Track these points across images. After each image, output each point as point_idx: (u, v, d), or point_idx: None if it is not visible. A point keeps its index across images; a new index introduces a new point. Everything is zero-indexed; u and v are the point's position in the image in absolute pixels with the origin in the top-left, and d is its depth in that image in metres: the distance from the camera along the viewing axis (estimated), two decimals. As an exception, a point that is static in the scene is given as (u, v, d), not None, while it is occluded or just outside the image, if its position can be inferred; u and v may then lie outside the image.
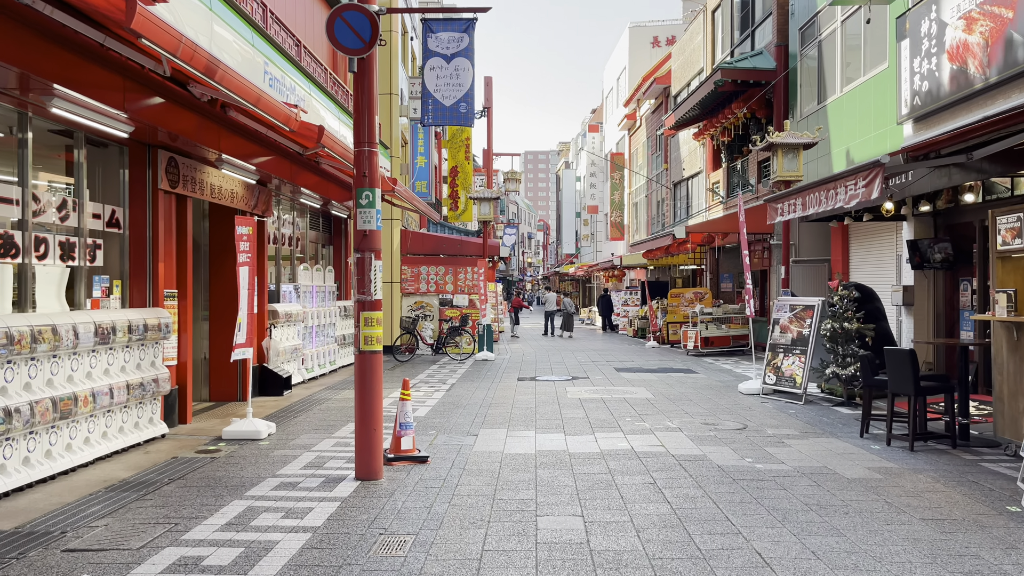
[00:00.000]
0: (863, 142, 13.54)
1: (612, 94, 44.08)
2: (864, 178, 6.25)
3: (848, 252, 16.52)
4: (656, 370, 15.44)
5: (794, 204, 8.10)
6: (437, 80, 16.52)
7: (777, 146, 11.85)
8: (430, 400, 11.18)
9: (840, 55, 14.82)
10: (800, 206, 7.91)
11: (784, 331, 11.54)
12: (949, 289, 11.49)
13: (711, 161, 23.78)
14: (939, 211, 11.11)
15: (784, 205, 8.43)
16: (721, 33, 23.15)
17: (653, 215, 32.92)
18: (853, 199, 6.45)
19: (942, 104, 10.27)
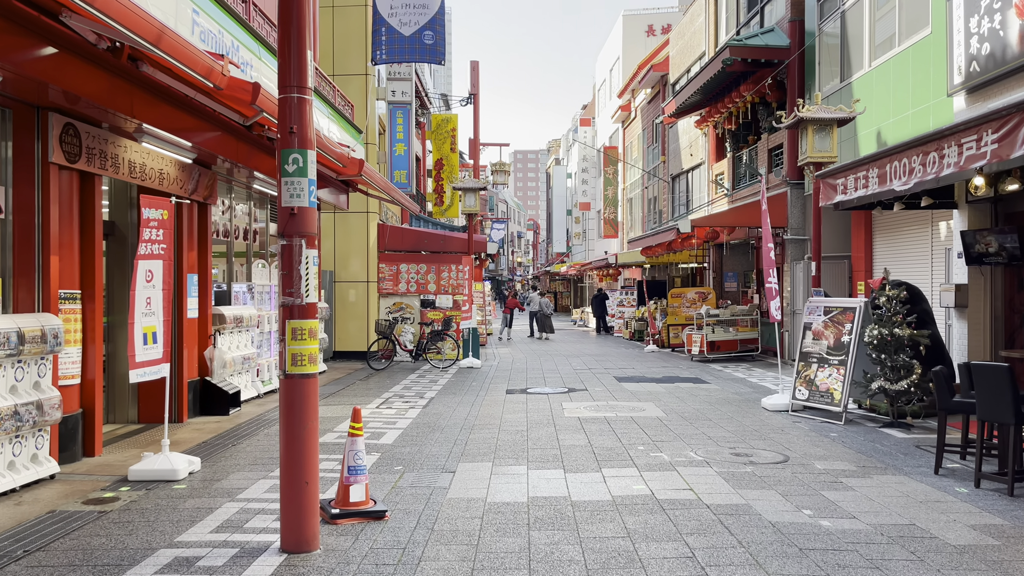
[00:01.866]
0: (898, 121, 11.89)
1: (605, 86, 42.42)
2: (998, 128, 4.55)
3: (872, 246, 14.88)
4: (661, 379, 13.74)
5: (865, 177, 6.34)
6: (392, 2, 13.52)
7: (807, 122, 10.16)
8: (403, 420, 9.44)
9: (868, 25, 13.17)
10: (875, 179, 6.16)
11: (818, 338, 9.85)
12: (1011, 288, 9.83)
13: (714, 151, 22.12)
14: (1000, 197, 9.45)
15: (848, 180, 6.68)
16: (725, 13, 21.48)
17: (649, 211, 31.26)
18: (975, 160, 4.73)
19: (1011, 68, 8.61)
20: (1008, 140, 4.24)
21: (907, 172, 5.46)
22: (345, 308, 17.24)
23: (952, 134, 4.85)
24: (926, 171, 5.16)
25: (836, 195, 6.59)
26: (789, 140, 16.52)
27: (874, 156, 5.92)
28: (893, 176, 5.63)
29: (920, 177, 5.27)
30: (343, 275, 17.30)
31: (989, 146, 4.47)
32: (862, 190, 6.17)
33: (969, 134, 4.66)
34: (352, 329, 17.21)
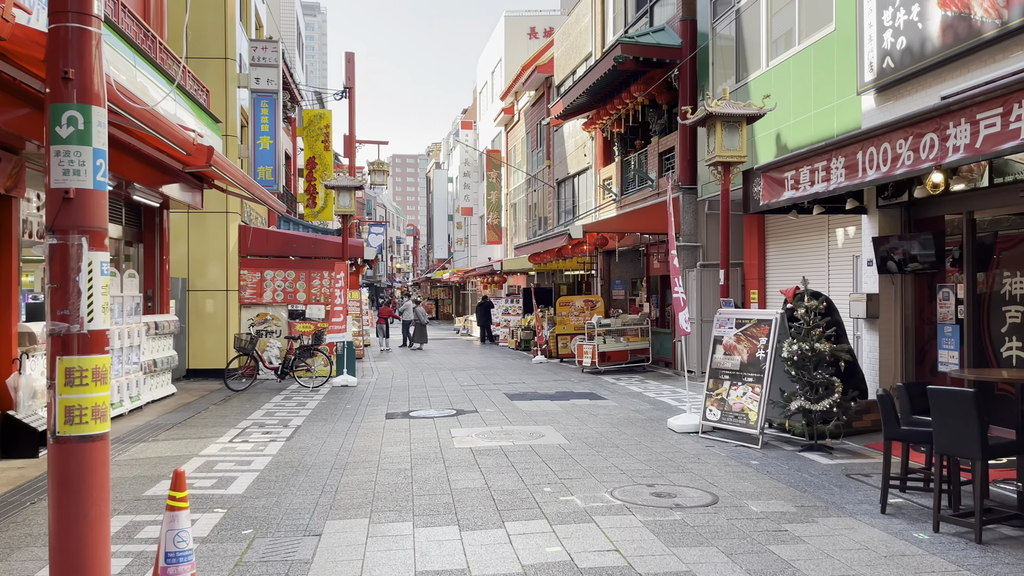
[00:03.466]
0: (800, 122, 11.36)
1: (487, 88, 41.49)
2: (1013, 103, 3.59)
3: (765, 253, 14.47)
4: (556, 396, 12.70)
5: (826, 169, 5.36)
6: None
7: (716, 117, 9.36)
8: (261, 457, 7.90)
9: (765, 23, 12.66)
10: (842, 169, 5.16)
11: (730, 352, 9.03)
12: (922, 298, 9.36)
13: (602, 155, 21.47)
14: (914, 201, 8.94)
15: (801, 173, 5.71)
16: (612, 12, 20.89)
17: (532, 216, 30.48)
18: (994, 145, 3.76)
19: (931, 62, 8.06)
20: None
21: (889, 159, 4.57)
22: (201, 320, 15.26)
23: (962, 109, 3.94)
24: (920, 156, 4.25)
25: (785, 191, 5.70)
26: (680, 144, 15.95)
27: (839, 142, 5.03)
28: (869, 165, 4.73)
29: (911, 164, 4.36)
30: (199, 283, 15.33)
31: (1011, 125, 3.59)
32: (821, 184, 5.26)
33: (979, 108, 3.70)
34: (209, 344, 15.25)
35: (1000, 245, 8.26)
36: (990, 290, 8.36)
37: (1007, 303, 8.13)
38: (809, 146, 10.45)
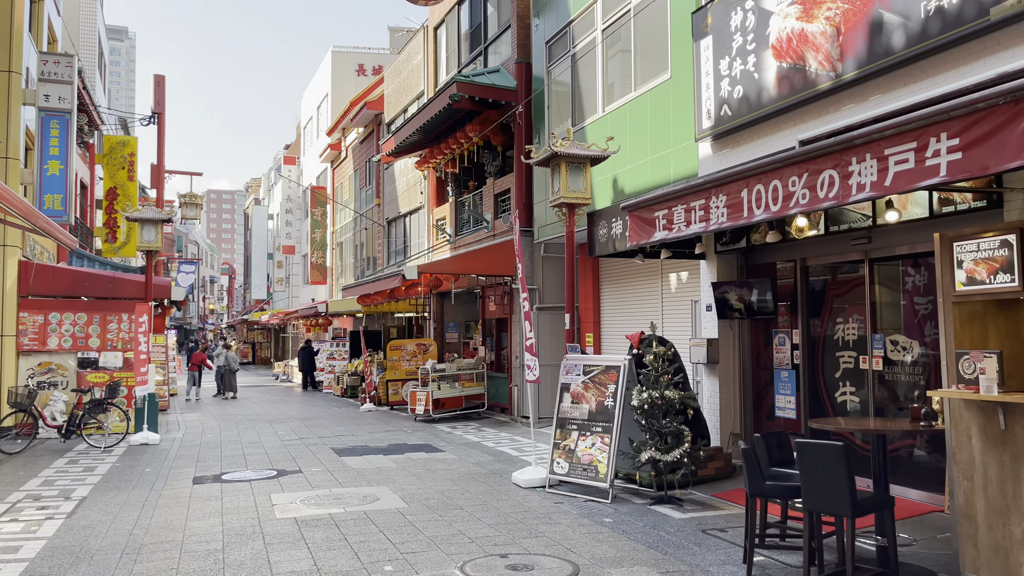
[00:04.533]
0: (637, 168, 11.40)
1: (312, 124, 40.05)
2: (962, 127, 3.22)
3: (600, 297, 14.47)
4: (389, 449, 11.79)
5: (704, 208, 4.96)
6: None
7: (561, 157, 9.07)
8: (32, 542, 6.45)
9: (601, 69, 12.74)
10: (724, 209, 4.76)
11: (577, 401, 8.63)
12: (758, 343, 9.47)
13: (435, 195, 20.97)
14: (752, 247, 9.05)
15: (675, 212, 5.29)
16: (446, 52, 20.63)
17: (362, 256, 29.38)
18: (909, 182, 3.38)
19: (767, 112, 8.20)
20: (990, 143, 3.08)
21: (781, 198, 4.27)
22: (-34, 371, 12.96)
23: (867, 143, 3.67)
24: (818, 195, 3.96)
25: (656, 231, 5.33)
26: (517, 186, 15.75)
27: (721, 179, 4.71)
28: (756, 204, 4.42)
29: (807, 203, 4.06)
30: (-35, 327, 13.04)
31: (945, 156, 3.32)
32: (699, 224, 4.91)
33: (903, 140, 3.45)
34: (-24, 399, 12.96)
35: (832, 291, 8.47)
36: (824, 336, 8.54)
37: (840, 349, 8.31)
38: (655, 189, 10.47)
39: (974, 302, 5.09)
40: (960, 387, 4.91)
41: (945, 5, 6.27)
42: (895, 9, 6.71)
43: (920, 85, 6.65)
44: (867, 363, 7.93)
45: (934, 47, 6.40)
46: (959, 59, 6.31)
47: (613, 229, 8.93)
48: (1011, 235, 4.67)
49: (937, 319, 7.27)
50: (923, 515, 6.90)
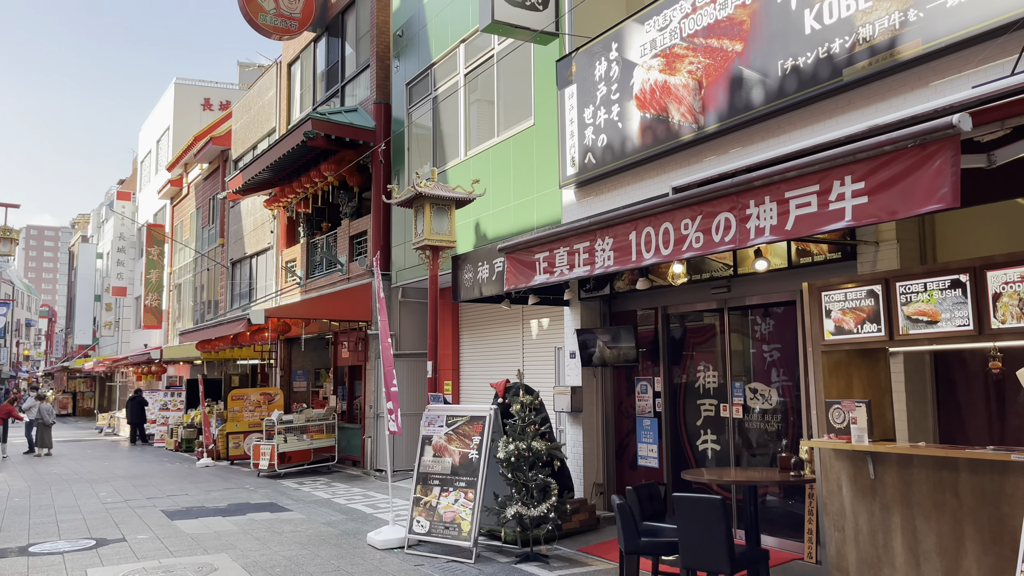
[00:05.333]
0: (500, 213, 11.26)
1: (150, 158, 37.66)
2: (867, 173, 3.06)
3: (459, 343, 14.17)
4: (229, 510, 10.76)
5: (589, 251, 4.65)
6: None
7: (425, 199, 8.75)
8: None
9: (464, 111, 12.61)
10: (609, 252, 4.47)
11: (440, 454, 8.17)
12: (621, 391, 9.42)
13: (285, 236, 20.01)
14: (616, 294, 9.04)
15: (557, 255, 4.95)
16: (300, 89, 19.95)
17: (202, 299, 27.58)
18: (812, 227, 3.17)
19: (631, 161, 8.28)
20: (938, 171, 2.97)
21: (672, 241, 4.09)
22: None
23: (766, 186, 3.56)
24: (713, 239, 3.78)
25: (536, 274, 5.05)
26: (374, 228, 15.25)
27: (607, 221, 4.48)
28: (645, 247, 4.22)
29: (701, 247, 3.89)
30: None
31: (850, 200, 3.23)
32: (583, 267, 4.67)
33: (805, 183, 3.33)
34: None
35: (693, 339, 8.57)
36: (685, 383, 8.59)
37: (701, 396, 8.37)
38: (518, 234, 10.32)
39: (840, 351, 5.16)
40: (832, 436, 4.93)
41: (801, 64, 6.52)
42: (754, 66, 6.94)
43: (778, 140, 6.87)
44: (727, 411, 8.01)
45: (791, 104, 6.64)
46: (814, 116, 6.57)
47: (479, 273, 8.67)
48: (877, 285, 4.77)
49: (785, 367, 7.47)
50: (784, 564, 6.94)
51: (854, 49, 6.10)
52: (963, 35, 5.39)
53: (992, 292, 4.23)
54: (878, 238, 6.17)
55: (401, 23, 14.81)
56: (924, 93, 5.79)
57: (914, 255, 6.16)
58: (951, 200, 2.70)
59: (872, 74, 6.00)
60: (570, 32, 9.59)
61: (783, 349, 7.53)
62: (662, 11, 7.95)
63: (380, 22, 15.67)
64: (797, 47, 6.55)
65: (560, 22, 9.64)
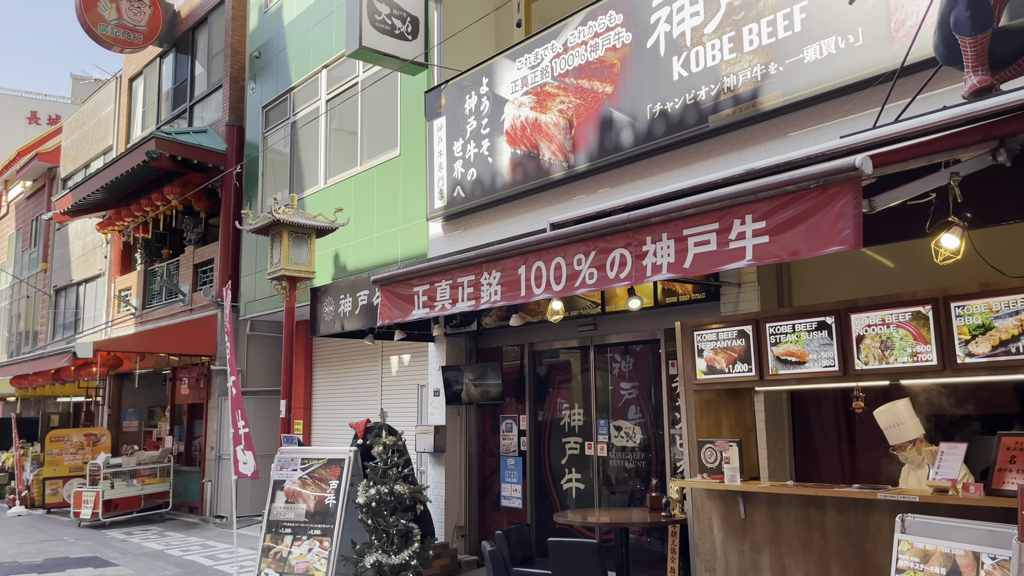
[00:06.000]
0: (362, 244, 10.88)
1: (-37, 172, 34.03)
2: (772, 209, 3.01)
3: (312, 380, 13.53)
4: (45, 566, 9.56)
5: (474, 284, 4.36)
6: None
7: (284, 226, 8.27)
8: None
9: (325, 138, 12.18)
10: (496, 287, 4.21)
11: (293, 500, 7.61)
12: (486, 430, 9.22)
13: (119, 262, 18.50)
14: (483, 330, 8.88)
15: (439, 288, 4.62)
16: (143, 106, 18.69)
17: (18, 329, 24.99)
18: (711, 264, 3.11)
19: (501, 196, 8.21)
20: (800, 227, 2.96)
21: (564, 277, 3.91)
22: None
23: (664, 223, 3.43)
24: (607, 275, 3.64)
25: (415, 308, 4.74)
26: (222, 256, 14.36)
27: (494, 254, 4.25)
28: (535, 282, 4.02)
29: (595, 283, 3.72)
30: None
31: (751, 239, 3.14)
32: (467, 302, 4.40)
33: (704, 221, 3.24)
34: None
35: (559, 377, 8.53)
36: (551, 421, 8.52)
37: (567, 434, 8.32)
38: (382, 267, 9.96)
39: (710, 391, 5.22)
40: (704, 476, 4.94)
41: (668, 109, 6.69)
42: (624, 109, 7.06)
43: (645, 182, 7.00)
44: (592, 449, 7.99)
45: (659, 147, 6.78)
46: (680, 161, 6.74)
47: (341, 306, 8.25)
48: (747, 326, 4.86)
49: (647, 405, 7.56)
50: (649, 603, 6.92)
51: (719, 97, 6.33)
52: (820, 90, 5.69)
53: (856, 334, 4.40)
54: (740, 280, 6.38)
55: (259, 44, 14.20)
56: (783, 143, 6.07)
57: (773, 297, 6.40)
58: (854, 242, 2.73)
59: (736, 122, 6.23)
60: (439, 64, 9.47)
61: (647, 387, 7.62)
62: (533, 49, 7.98)
63: (235, 41, 14.95)
64: (665, 92, 6.72)
65: (429, 53, 9.51)
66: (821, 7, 5.68)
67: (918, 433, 4.64)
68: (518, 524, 6.71)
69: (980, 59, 3.83)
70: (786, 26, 5.91)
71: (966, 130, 3.34)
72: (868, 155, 2.77)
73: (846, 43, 5.53)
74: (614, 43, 7.17)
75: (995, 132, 3.36)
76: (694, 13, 6.53)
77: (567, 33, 7.60)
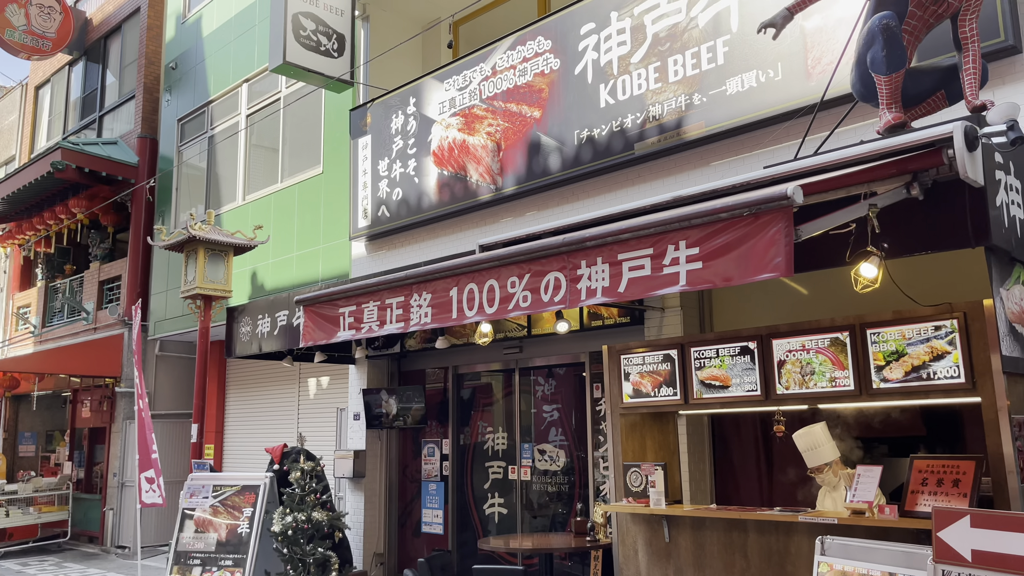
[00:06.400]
0: (281, 263, 10.61)
1: None
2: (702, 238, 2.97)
3: (225, 403, 13.06)
4: (-77, 607, 8.85)
5: (403, 306, 4.22)
6: None
7: (200, 243, 7.97)
8: None
9: (244, 154, 11.87)
10: (427, 308, 4.07)
11: (203, 528, 7.28)
12: (406, 455, 9.05)
13: (18, 277, 17.53)
14: (406, 352, 8.74)
15: (366, 309, 4.46)
16: (49, 115, 17.85)
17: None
18: (645, 289, 3.05)
19: (427, 217, 8.14)
20: (733, 254, 2.96)
21: (498, 299, 3.81)
22: None
23: (599, 247, 3.38)
24: (542, 298, 3.58)
25: (340, 330, 4.57)
26: (131, 273, 13.75)
27: (424, 275, 4.11)
28: (467, 304, 3.90)
29: (528, 306, 3.65)
30: None
31: (685, 265, 3.14)
32: (395, 324, 4.27)
33: (639, 246, 3.24)
34: None
35: (483, 400, 8.46)
36: (474, 445, 8.42)
37: (490, 458, 8.24)
38: (303, 286, 9.71)
39: (636, 414, 5.25)
40: (630, 500, 4.95)
41: (596, 136, 6.77)
42: (552, 133, 7.11)
43: (572, 206, 7.05)
44: (516, 473, 7.94)
45: (586, 173, 6.85)
46: (607, 186, 6.82)
47: (259, 327, 7.98)
48: (673, 350, 4.92)
49: (572, 428, 7.58)
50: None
51: (645, 126, 6.44)
52: (741, 121, 5.86)
53: (777, 359, 4.50)
54: (664, 304, 6.47)
55: (176, 55, 13.77)
56: (706, 172, 6.22)
57: (695, 322, 6.52)
58: (785, 269, 2.78)
59: (661, 150, 6.35)
60: (366, 82, 9.36)
61: (570, 410, 7.63)
62: (462, 71, 7.98)
63: (150, 51, 14.45)
64: (593, 119, 6.80)
65: (356, 71, 9.39)
66: (742, 42, 5.86)
67: (834, 456, 4.77)
68: (440, 551, 6.59)
69: (894, 97, 4.01)
70: (709, 59, 6.07)
71: (882, 164, 3.47)
72: (799, 184, 2.84)
73: (766, 77, 5.72)
74: (542, 68, 7.23)
75: (909, 167, 3.50)
76: (621, 43, 6.65)
77: (496, 57, 7.63)
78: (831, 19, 5.43)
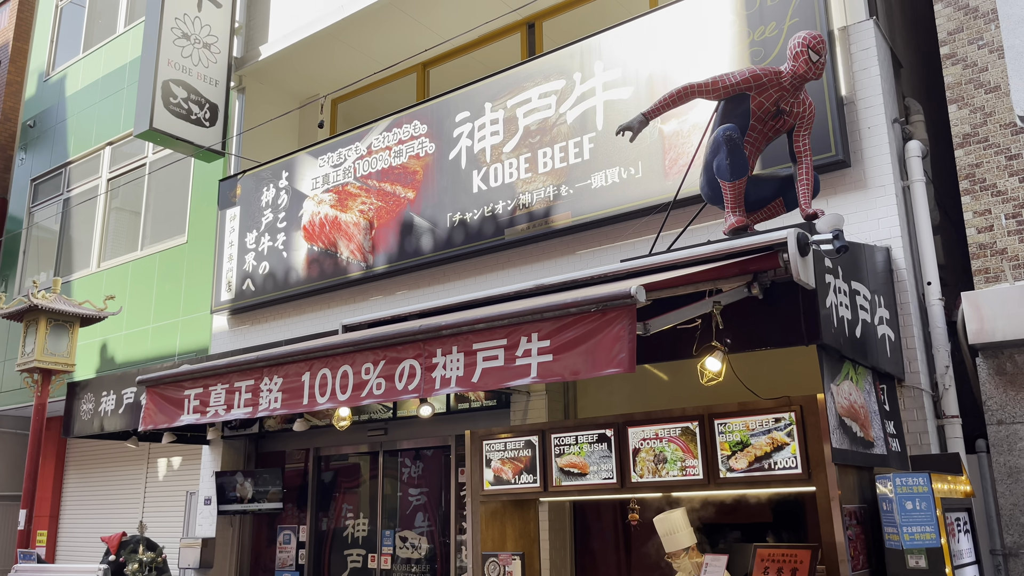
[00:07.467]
0: (135, 335, 10.05)
1: None
2: (556, 329, 2.97)
3: (62, 485, 12.03)
4: None
5: (253, 391, 3.96)
6: None
7: (41, 312, 7.43)
8: None
9: (102, 219, 11.29)
10: (278, 393, 3.80)
11: (21, 630, 6.54)
12: (261, 542, 8.55)
13: None
14: (265, 433, 8.36)
15: (214, 392, 4.16)
16: None
17: None
18: (499, 380, 3.02)
19: (295, 292, 7.96)
20: (581, 348, 2.95)
21: (351, 386, 3.66)
22: None
23: (454, 336, 3.32)
24: (396, 386, 3.45)
25: (184, 413, 4.24)
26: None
27: (275, 358, 3.91)
28: (320, 390, 3.74)
29: (382, 394, 3.52)
30: None
31: (536, 357, 3.12)
32: (243, 408, 4.01)
33: (493, 336, 3.20)
34: None
35: (344, 484, 8.17)
36: (333, 531, 8.07)
37: (349, 546, 7.91)
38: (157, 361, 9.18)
39: (497, 501, 5.20)
40: (487, 591, 4.84)
41: (468, 219, 6.88)
42: (425, 215, 7.17)
43: (443, 287, 7.08)
44: (376, 561, 7.64)
45: (458, 255, 6.91)
46: (478, 269, 6.91)
47: (103, 404, 7.43)
48: (534, 436, 4.94)
49: (435, 514, 7.42)
50: None
51: (515, 212, 6.61)
52: (605, 214, 6.11)
53: (632, 447, 4.59)
54: (530, 389, 6.51)
55: (35, 112, 13.11)
56: (572, 261, 6.41)
57: (560, 407, 6.59)
58: (628, 365, 2.87)
59: (530, 237, 6.51)
60: (238, 153, 9.19)
61: (434, 495, 7.47)
62: (337, 148, 7.98)
63: (7, 108, 13.69)
64: (466, 203, 6.91)
65: (228, 142, 9.21)
66: (607, 140, 6.17)
67: (691, 542, 4.85)
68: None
69: (738, 201, 4.31)
70: (576, 153, 6.35)
71: (726, 264, 3.69)
72: (642, 283, 2.97)
73: (628, 174, 6.03)
74: (418, 151, 7.34)
75: (750, 267, 3.74)
76: (494, 132, 6.86)
77: (372, 136, 7.69)
78: (687, 124, 5.83)
